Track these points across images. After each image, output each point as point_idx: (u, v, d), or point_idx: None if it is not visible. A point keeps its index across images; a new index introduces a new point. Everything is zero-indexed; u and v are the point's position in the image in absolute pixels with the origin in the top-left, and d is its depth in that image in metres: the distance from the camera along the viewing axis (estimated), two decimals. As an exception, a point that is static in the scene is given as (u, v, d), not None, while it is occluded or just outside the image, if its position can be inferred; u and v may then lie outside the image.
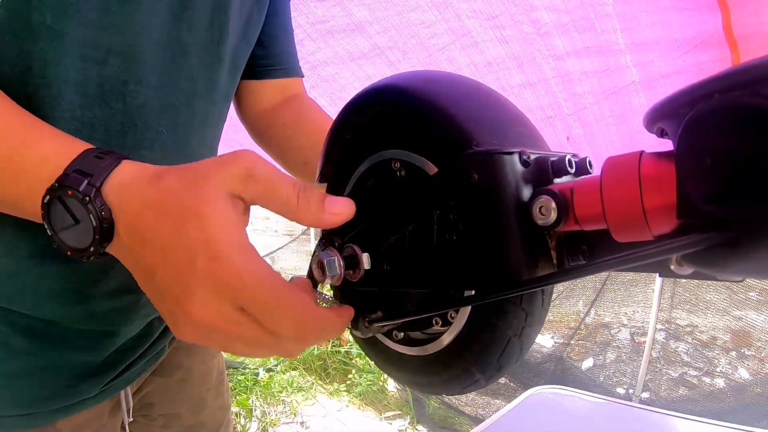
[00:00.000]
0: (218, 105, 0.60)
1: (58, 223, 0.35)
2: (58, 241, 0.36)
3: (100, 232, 0.34)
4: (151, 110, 0.50)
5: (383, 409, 3.10)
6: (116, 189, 0.34)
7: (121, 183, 0.34)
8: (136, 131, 0.50)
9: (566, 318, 3.43)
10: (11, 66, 0.42)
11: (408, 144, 0.35)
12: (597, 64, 1.28)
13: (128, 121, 0.49)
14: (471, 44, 1.29)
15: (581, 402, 1.13)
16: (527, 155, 0.29)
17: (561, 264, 0.29)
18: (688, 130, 0.20)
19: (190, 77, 0.54)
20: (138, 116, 0.49)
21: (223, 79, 0.59)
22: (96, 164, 0.35)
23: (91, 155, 0.35)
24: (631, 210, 0.23)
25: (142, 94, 0.49)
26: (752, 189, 0.18)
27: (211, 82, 0.57)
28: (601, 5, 1.15)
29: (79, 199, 0.33)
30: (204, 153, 0.60)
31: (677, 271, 0.25)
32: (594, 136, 1.47)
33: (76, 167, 0.35)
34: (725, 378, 2.78)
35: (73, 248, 0.35)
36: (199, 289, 0.30)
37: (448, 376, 0.36)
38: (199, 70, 0.54)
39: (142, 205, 0.33)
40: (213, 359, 0.77)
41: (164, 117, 0.52)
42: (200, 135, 0.58)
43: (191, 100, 0.55)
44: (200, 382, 0.75)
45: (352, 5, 1.25)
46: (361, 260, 0.35)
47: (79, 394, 0.57)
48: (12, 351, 0.52)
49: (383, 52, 1.36)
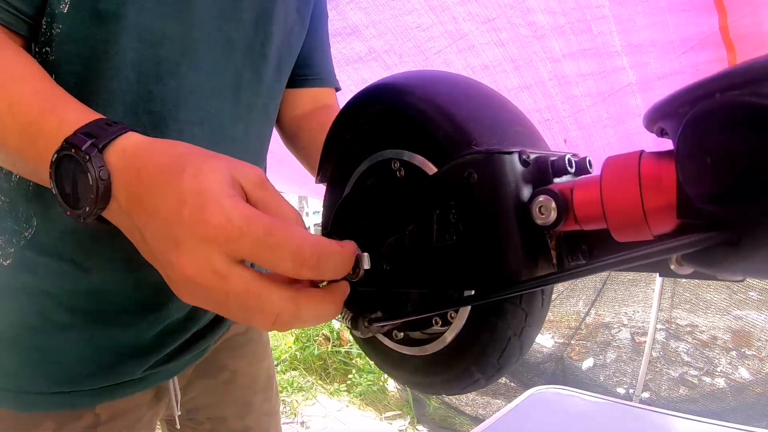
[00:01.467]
0: (262, 98, 0.64)
1: (61, 182, 0.37)
2: (59, 201, 0.37)
3: (95, 192, 0.34)
4: (201, 92, 0.55)
5: (383, 409, 3.09)
6: (119, 153, 0.35)
7: (125, 148, 0.36)
8: (189, 108, 0.54)
9: (566, 318, 3.43)
10: (78, 46, 0.48)
11: (407, 144, 0.35)
12: (594, 66, 1.28)
13: (181, 98, 0.53)
14: (467, 47, 1.29)
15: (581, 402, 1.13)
16: (527, 155, 0.29)
17: (561, 264, 0.29)
18: (688, 129, 0.20)
19: (236, 70, 0.59)
20: (190, 95, 0.54)
21: (267, 76, 0.63)
22: (104, 129, 0.36)
23: (102, 122, 0.37)
24: (631, 210, 0.23)
25: (194, 78, 0.54)
26: (753, 188, 0.18)
27: (255, 76, 0.62)
28: (597, 7, 1.15)
29: (80, 157, 0.35)
30: (251, 142, 0.65)
31: (677, 271, 0.25)
32: (591, 138, 1.47)
33: (85, 130, 0.36)
34: (725, 378, 2.78)
35: (72, 209, 0.36)
36: (187, 240, 0.30)
37: (447, 376, 0.36)
38: (245, 64, 0.60)
39: (143, 163, 0.34)
40: (261, 362, 0.78)
41: (213, 100, 0.57)
42: (245, 123, 0.62)
43: (237, 89, 0.60)
44: (247, 384, 0.75)
45: (348, 9, 1.26)
46: (361, 260, 0.35)
47: (121, 375, 0.58)
48: (54, 324, 0.54)
49: (379, 55, 1.36)
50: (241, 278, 0.30)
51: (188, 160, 0.33)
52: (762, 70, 0.17)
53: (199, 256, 0.29)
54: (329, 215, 0.41)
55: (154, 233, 0.32)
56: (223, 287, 0.30)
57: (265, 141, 0.70)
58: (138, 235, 0.34)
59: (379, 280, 0.35)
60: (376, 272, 0.35)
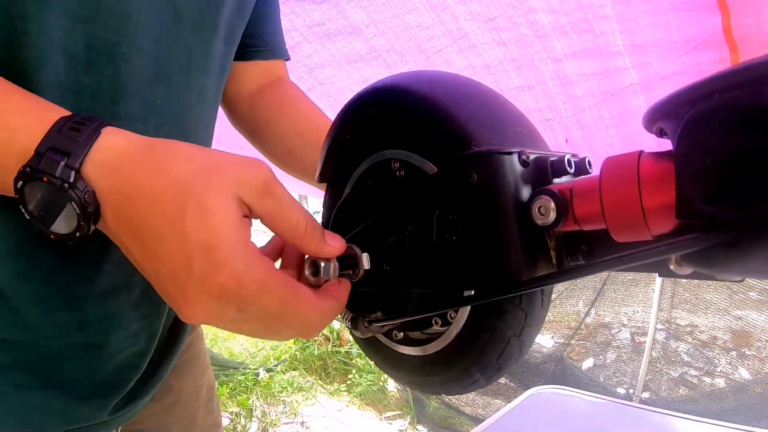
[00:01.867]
0: (213, 78, 0.56)
1: (36, 208, 0.32)
2: (38, 227, 0.33)
3: (84, 218, 0.31)
4: (144, 78, 0.46)
5: (383, 409, 3.10)
6: (99, 169, 0.31)
7: (104, 162, 0.31)
8: (128, 101, 0.45)
9: (566, 318, 3.43)
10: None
11: (407, 144, 0.35)
12: (596, 66, 1.28)
13: (119, 88, 0.44)
14: (468, 47, 1.29)
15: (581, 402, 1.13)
16: (526, 155, 0.29)
17: (560, 264, 0.29)
18: (687, 129, 0.20)
19: (185, 45, 0.49)
20: (131, 84, 0.45)
21: (218, 51, 0.55)
22: (72, 138, 0.31)
23: (66, 126, 0.31)
24: (630, 210, 0.23)
25: (135, 60, 0.44)
26: (752, 189, 0.18)
27: (206, 52, 0.52)
28: (599, 7, 1.15)
29: (57, 186, 0.30)
30: (200, 132, 0.56)
31: (677, 271, 0.25)
32: (593, 138, 1.47)
33: (50, 144, 0.31)
34: (725, 378, 2.77)
35: (57, 233, 0.32)
36: (199, 295, 0.29)
37: (447, 376, 0.36)
38: (195, 39, 0.50)
39: (134, 189, 0.30)
40: (202, 376, 0.74)
41: (158, 86, 0.47)
42: (197, 111, 0.53)
43: (187, 71, 0.50)
44: (191, 401, 0.72)
45: (348, 8, 1.25)
46: (360, 260, 0.35)
47: (80, 420, 0.51)
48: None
49: (380, 54, 1.36)
50: (255, 316, 0.30)
51: (188, 191, 0.29)
52: (761, 71, 0.17)
53: (212, 309, 0.30)
54: (329, 215, 0.41)
55: (159, 276, 0.30)
56: (240, 327, 0.31)
57: (213, 127, 0.61)
58: (133, 258, 0.32)
59: (379, 280, 0.35)
60: (376, 272, 0.35)
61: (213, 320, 0.30)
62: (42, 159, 0.30)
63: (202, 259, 0.28)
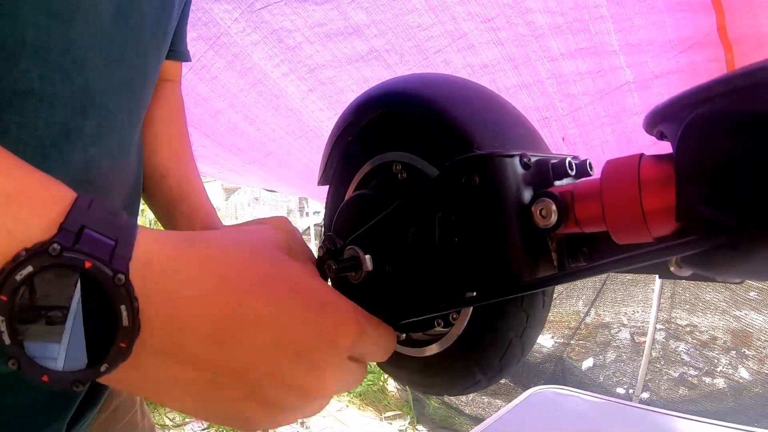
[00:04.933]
0: (153, 87, 0.49)
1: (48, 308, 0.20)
2: (19, 355, 0.20)
3: (131, 335, 0.21)
4: (109, 89, 0.40)
5: (383, 409, 3.09)
6: (141, 269, 0.22)
7: (149, 261, 0.23)
8: (97, 114, 0.39)
9: (566, 318, 3.43)
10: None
11: (409, 146, 0.35)
12: (591, 65, 1.29)
13: (89, 101, 0.38)
14: (467, 46, 1.29)
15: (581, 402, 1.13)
16: (528, 158, 0.29)
17: (561, 266, 0.29)
18: (688, 132, 0.21)
19: (143, 50, 0.43)
20: (98, 96, 0.39)
21: (163, 54, 0.49)
22: (112, 221, 0.22)
23: (95, 203, 0.22)
24: (631, 212, 0.23)
25: (102, 68, 0.38)
26: (751, 191, 0.18)
27: (157, 58, 0.47)
28: (595, 7, 1.15)
29: (105, 278, 0.20)
30: (138, 140, 0.49)
31: (677, 273, 0.26)
32: (589, 136, 1.48)
33: (83, 222, 0.21)
34: (725, 378, 2.78)
35: (59, 372, 0.21)
36: (329, 358, 0.27)
37: (449, 376, 0.36)
38: (151, 42, 0.44)
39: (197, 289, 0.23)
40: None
41: (121, 98, 0.41)
42: (140, 128, 0.48)
43: (144, 79, 0.44)
44: (129, 405, 0.66)
45: (349, 8, 1.26)
46: (363, 262, 0.35)
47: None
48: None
49: (380, 55, 1.36)
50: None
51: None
52: (762, 76, 0.18)
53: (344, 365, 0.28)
54: (332, 217, 0.42)
55: (275, 369, 0.25)
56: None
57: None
58: (198, 371, 0.24)
59: (381, 282, 0.35)
60: (378, 274, 0.35)
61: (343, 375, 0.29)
62: (81, 237, 0.21)
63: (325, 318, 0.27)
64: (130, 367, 0.22)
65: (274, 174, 2.01)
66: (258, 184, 2.55)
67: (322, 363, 0.26)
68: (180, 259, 0.24)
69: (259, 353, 0.24)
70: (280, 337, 0.25)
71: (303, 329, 0.25)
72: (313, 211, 7.21)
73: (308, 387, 0.26)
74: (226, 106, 1.63)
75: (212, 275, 0.24)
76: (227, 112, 1.66)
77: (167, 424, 2.90)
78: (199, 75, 1.50)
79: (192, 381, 0.24)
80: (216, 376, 0.24)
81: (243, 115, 1.66)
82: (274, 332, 0.25)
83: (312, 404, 0.27)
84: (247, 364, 0.24)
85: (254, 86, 1.53)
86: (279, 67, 1.44)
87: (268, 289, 0.25)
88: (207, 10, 1.29)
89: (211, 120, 1.70)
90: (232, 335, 0.24)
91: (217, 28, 1.34)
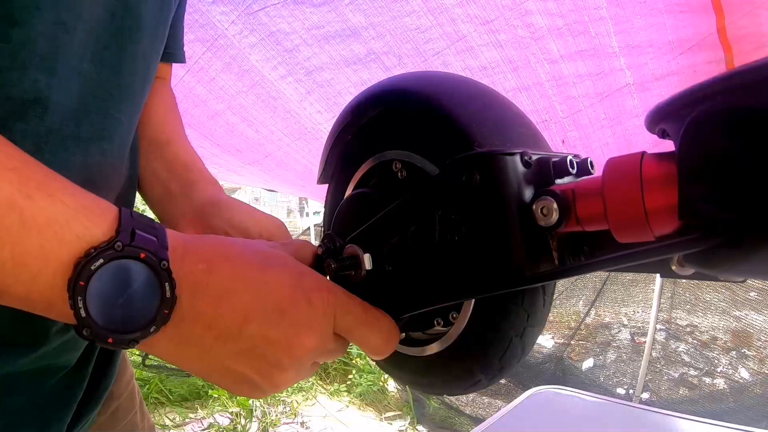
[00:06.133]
0: (151, 84, 0.51)
1: (105, 297, 0.27)
2: (86, 329, 0.27)
3: (170, 304, 0.28)
4: (107, 94, 0.42)
5: (383, 410, 3.09)
6: (172, 253, 0.29)
7: (185, 244, 0.31)
8: (96, 119, 0.41)
9: (566, 318, 3.43)
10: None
11: (409, 145, 0.35)
12: (591, 67, 1.29)
13: (88, 106, 0.40)
14: (466, 49, 1.29)
15: (581, 402, 1.13)
16: (529, 156, 0.29)
17: (562, 264, 0.29)
18: (690, 131, 0.20)
19: (143, 56, 0.45)
20: (97, 101, 0.41)
21: (159, 56, 0.50)
22: (148, 223, 0.29)
23: (131, 213, 0.30)
24: (633, 211, 0.23)
25: (100, 73, 0.40)
26: (754, 190, 0.18)
27: (154, 61, 0.48)
28: (595, 9, 1.15)
29: (155, 264, 0.28)
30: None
31: (678, 272, 0.26)
32: (589, 138, 1.48)
33: (132, 225, 0.28)
34: (725, 378, 2.78)
35: (115, 333, 0.27)
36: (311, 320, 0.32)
37: (449, 376, 0.36)
38: (151, 48, 0.46)
39: (211, 262, 0.31)
40: (133, 377, 0.69)
41: (118, 101, 0.43)
42: (137, 122, 0.49)
43: (142, 83, 0.46)
44: (129, 406, 0.67)
45: (347, 10, 1.26)
46: (362, 261, 0.35)
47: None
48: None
49: (378, 57, 1.36)
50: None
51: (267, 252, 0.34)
52: (764, 73, 0.18)
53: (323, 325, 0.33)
54: (331, 216, 0.41)
55: (264, 323, 0.31)
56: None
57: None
58: (215, 328, 0.30)
59: (380, 280, 0.35)
60: (378, 272, 0.35)
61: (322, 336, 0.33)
62: (135, 236, 0.28)
63: (303, 285, 0.32)
64: (165, 331, 0.29)
65: (273, 175, 2.01)
66: (258, 184, 2.56)
67: (303, 320, 0.31)
68: (197, 243, 0.31)
69: (249, 309, 0.30)
70: (266, 295, 0.31)
71: (284, 290, 0.31)
72: (313, 212, 7.21)
73: (290, 341, 0.31)
74: (224, 107, 1.63)
75: (218, 253, 0.31)
76: (225, 114, 1.66)
77: (167, 425, 2.90)
78: (197, 77, 1.50)
79: (202, 337, 0.30)
80: (219, 331, 0.30)
81: (241, 116, 1.66)
82: (261, 292, 0.31)
83: (296, 363, 0.32)
84: (242, 318, 0.30)
85: (252, 88, 1.53)
86: (277, 69, 1.44)
87: (260, 261, 0.32)
88: (204, 12, 1.29)
89: (209, 122, 1.70)
90: (228, 295, 0.30)
91: (214, 31, 1.34)
